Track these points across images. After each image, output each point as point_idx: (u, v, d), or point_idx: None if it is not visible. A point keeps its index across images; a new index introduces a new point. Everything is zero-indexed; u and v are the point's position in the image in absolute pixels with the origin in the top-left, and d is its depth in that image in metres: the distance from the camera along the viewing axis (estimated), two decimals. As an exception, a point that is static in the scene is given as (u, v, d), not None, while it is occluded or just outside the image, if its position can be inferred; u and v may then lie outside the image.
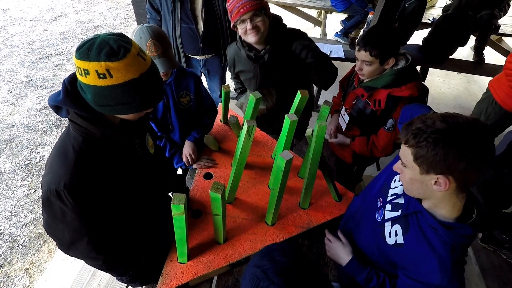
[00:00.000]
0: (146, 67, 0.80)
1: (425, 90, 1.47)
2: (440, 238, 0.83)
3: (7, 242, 2.24)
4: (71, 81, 0.83)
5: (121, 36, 0.78)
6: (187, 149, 1.61)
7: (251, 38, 1.50)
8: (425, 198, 0.87)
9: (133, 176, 1.01)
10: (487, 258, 1.78)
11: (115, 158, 0.93)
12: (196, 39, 2.11)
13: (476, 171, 0.74)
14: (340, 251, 1.14)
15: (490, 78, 2.34)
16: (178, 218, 0.94)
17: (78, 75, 0.79)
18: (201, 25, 2.05)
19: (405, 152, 0.81)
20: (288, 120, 1.23)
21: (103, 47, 0.74)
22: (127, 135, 0.94)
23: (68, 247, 0.99)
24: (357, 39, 1.52)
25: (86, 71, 0.75)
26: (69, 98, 0.82)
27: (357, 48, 1.48)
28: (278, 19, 1.59)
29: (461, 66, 3.64)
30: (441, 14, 3.81)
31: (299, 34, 1.62)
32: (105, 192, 0.92)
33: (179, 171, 1.99)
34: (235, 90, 2.05)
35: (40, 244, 2.25)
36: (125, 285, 1.43)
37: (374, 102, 1.54)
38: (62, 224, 0.91)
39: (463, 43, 3.41)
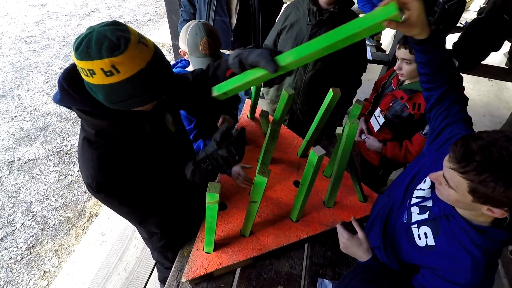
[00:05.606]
0: (150, 54, 0.75)
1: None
2: (473, 240, 0.81)
3: (39, 223, 2.37)
4: (66, 76, 0.79)
5: (116, 25, 0.73)
6: None
7: None
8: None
9: (155, 156, 1.01)
10: (515, 272, 1.71)
11: (131, 143, 0.92)
12: (227, 32, 2.13)
13: None
14: (357, 250, 1.08)
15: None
16: (211, 207, 0.96)
17: (84, 76, 0.74)
18: (234, 19, 2.09)
19: (456, 179, 0.71)
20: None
21: (103, 42, 0.69)
22: (135, 123, 0.91)
23: (139, 223, 1.09)
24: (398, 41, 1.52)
25: (91, 71, 0.71)
26: (66, 96, 0.78)
27: (397, 46, 1.47)
28: None
29: (493, 72, 3.49)
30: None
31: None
32: (130, 175, 0.94)
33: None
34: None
35: (68, 227, 2.36)
36: (151, 269, 1.48)
37: (413, 105, 1.51)
38: (113, 209, 0.99)
39: (497, 48, 3.26)
